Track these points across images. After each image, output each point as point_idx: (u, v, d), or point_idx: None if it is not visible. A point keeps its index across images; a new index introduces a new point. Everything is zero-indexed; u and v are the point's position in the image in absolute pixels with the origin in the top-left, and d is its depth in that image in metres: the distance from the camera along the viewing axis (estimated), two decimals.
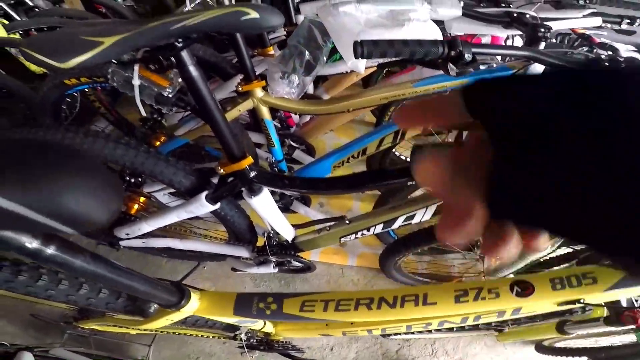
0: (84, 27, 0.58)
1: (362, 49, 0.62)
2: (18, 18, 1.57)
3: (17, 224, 0.29)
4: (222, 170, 0.83)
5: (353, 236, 1.11)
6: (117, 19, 0.60)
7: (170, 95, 0.71)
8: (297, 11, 1.41)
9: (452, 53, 0.61)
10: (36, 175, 0.24)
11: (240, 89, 1.00)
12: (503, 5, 0.88)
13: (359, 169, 0.92)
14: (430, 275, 1.71)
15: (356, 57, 0.63)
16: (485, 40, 1.00)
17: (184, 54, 0.61)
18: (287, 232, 1.15)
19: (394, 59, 0.62)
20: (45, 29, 1.44)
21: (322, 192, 0.86)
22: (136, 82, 0.64)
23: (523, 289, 0.71)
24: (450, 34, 0.92)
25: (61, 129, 0.79)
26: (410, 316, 0.70)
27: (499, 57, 0.76)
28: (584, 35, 0.91)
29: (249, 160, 0.81)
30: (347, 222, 1.08)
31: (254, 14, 0.56)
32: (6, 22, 1.51)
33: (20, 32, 1.42)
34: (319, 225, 1.14)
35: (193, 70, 0.63)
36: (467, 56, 0.61)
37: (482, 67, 0.64)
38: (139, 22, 0.57)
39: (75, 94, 1.31)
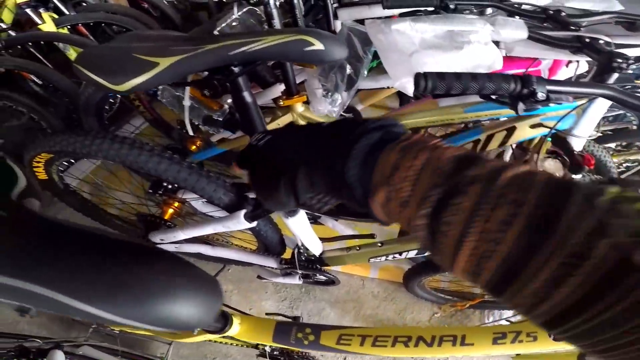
0: (137, 41, 0.56)
1: (426, 82, 0.58)
2: (67, 12, 1.60)
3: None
4: None
5: (383, 258, 1.08)
6: (167, 33, 0.57)
7: (220, 118, 0.69)
8: (335, 16, 1.37)
9: (525, 91, 0.57)
10: (149, 294, 0.23)
11: (281, 103, 0.98)
12: (572, 28, 0.81)
13: None
14: (453, 293, 1.67)
15: (417, 90, 0.59)
16: (546, 63, 0.94)
17: (240, 80, 0.59)
18: (316, 247, 1.14)
19: (458, 94, 0.59)
20: (92, 24, 1.45)
21: (361, 219, 0.83)
22: (187, 103, 0.62)
23: None
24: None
25: (107, 139, 0.79)
26: (447, 355, 0.69)
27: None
28: None
29: None
30: (379, 244, 1.05)
31: (318, 45, 0.53)
32: (56, 16, 1.54)
33: (68, 26, 1.44)
34: (344, 240, 1.12)
35: (247, 96, 0.61)
36: (541, 95, 0.57)
37: (551, 105, 0.60)
38: (194, 42, 0.54)
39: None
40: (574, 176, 0.81)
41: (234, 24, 0.83)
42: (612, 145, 1.45)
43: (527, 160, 0.99)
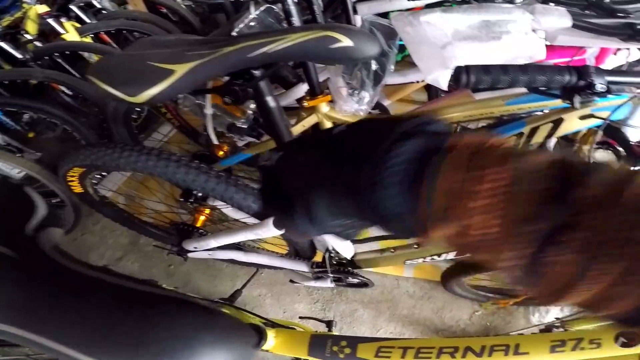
0: (152, 48, 0.53)
1: (468, 76, 0.53)
2: (88, 20, 1.63)
3: None
4: None
5: (420, 260, 1.04)
6: (184, 37, 0.55)
7: (245, 126, 0.67)
8: (354, 11, 1.31)
9: (581, 82, 0.51)
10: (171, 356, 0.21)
11: (305, 104, 0.94)
12: (620, 15, 0.73)
13: None
14: (494, 290, 1.59)
15: (460, 86, 0.54)
16: (592, 52, 0.85)
17: (262, 84, 0.56)
18: (347, 251, 1.11)
19: (505, 87, 0.53)
20: (113, 31, 1.47)
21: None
22: (209, 111, 0.59)
23: (629, 339, 0.63)
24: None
25: (135, 152, 0.79)
26: None
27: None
28: None
29: None
30: (415, 246, 1.01)
31: (346, 42, 0.47)
32: (78, 25, 1.57)
33: (91, 35, 1.46)
34: (378, 241, 1.08)
35: (271, 100, 0.58)
36: (600, 87, 0.50)
37: (611, 96, 0.53)
38: (211, 45, 0.51)
39: None
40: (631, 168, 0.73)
41: (251, 24, 0.81)
42: None
43: (575, 152, 0.91)
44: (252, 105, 0.70)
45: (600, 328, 0.70)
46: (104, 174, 0.99)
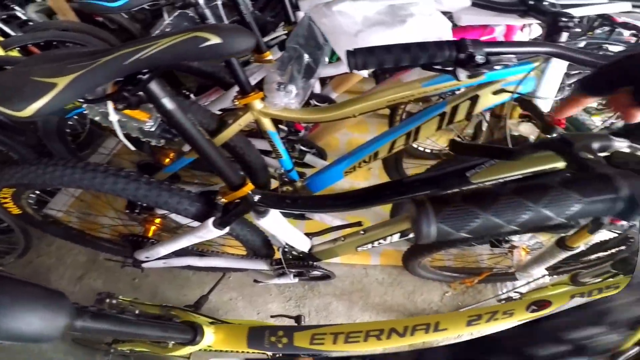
0: (39, 64, 0.53)
1: (356, 59, 0.55)
2: (13, 33, 1.50)
3: None
4: (224, 200, 0.79)
5: (370, 245, 1.05)
6: (76, 50, 0.54)
7: (153, 129, 0.67)
8: (296, 7, 1.32)
9: (462, 56, 0.53)
10: None
11: (237, 103, 0.95)
12: None
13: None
14: (459, 270, 1.63)
15: (350, 69, 0.56)
16: (500, 30, 0.88)
17: (154, 87, 0.56)
18: (302, 244, 1.11)
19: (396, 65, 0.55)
20: (42, 43, 1.39)
21: (327, 210, 0.81)
22: (113, 118, 0.59)
23: (540, 306, 0.71)
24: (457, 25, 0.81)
25: (59, 167, 0.78)
26: (420, 341, 0.68)
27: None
28: (603, 15, 0.80)
29: (250, 187, 0.76)
30: (362, 232, 1.02)
31: (215, 39, 0.48)
32: (2, 38, 1.44)
33: (18, 48, 1.37)
34: (335, 232, 1.10)
35: (167, 102, 0.58)
36: (480, 58, 0.52)
37: (497, 68, 0.55)
38: (93, 56, 0.52)
39: (77, 117, 1.29)
40: (547, 136, 0.77)
41: (167, 29, 0.81)
42: (594, 105, 1.39)
43: (502, 126, 0.94)
44: None
45: (527, 299, 0.75)
46: (37, 192, 0.96)
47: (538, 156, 0.48)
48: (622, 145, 0.43)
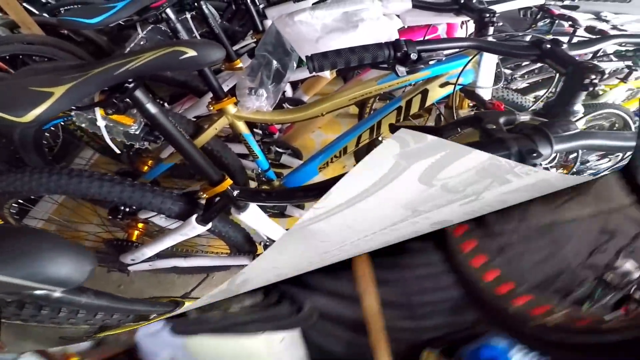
0: (32, 76, 0.60)
1: (314, 63, 0.63)
2: None
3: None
4: (205, 195, 0.86)
5: None
6: (63, 63, 0.62)
7: (137, 132, 0.74)
8: (264, 16, 1.41)
9: (398, 54, 0.62)
10: (26, 257, 0.36)
11: (211, 108, 1.02)
12: None
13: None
14: None
15: (310, 72, 0.65)
16: (442, 29, 1.00)
17: (139, 94, 0.63)
18: None
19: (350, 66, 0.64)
20: (7, 57, 1.39)
21: (300, 200, 0.89)
22: (101, 123, 0.66)
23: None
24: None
25: (44, 174, 0.83)
26: None
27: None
28: (543, 8, 0.92)
29: (228, 182, 0.84)
30: None
31: (191, 52, 0.58)
32: None
33: None
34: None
35: (151, 107, 0.65)
36: (413, 55, 0.62)
37: (431, 62, 0.65)
38: (84, 68, 0.59)
39: (53, 128, 1.31)
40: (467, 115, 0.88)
41: (142, 43, 0.88)
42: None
43: (454, 116, 1.06)
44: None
45: None
46: (21, 201, 0.99)
47: (466, 132, 0.58)
48: (526, 118, 0.54)
